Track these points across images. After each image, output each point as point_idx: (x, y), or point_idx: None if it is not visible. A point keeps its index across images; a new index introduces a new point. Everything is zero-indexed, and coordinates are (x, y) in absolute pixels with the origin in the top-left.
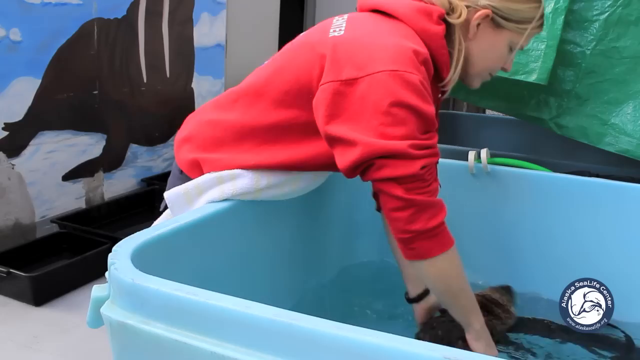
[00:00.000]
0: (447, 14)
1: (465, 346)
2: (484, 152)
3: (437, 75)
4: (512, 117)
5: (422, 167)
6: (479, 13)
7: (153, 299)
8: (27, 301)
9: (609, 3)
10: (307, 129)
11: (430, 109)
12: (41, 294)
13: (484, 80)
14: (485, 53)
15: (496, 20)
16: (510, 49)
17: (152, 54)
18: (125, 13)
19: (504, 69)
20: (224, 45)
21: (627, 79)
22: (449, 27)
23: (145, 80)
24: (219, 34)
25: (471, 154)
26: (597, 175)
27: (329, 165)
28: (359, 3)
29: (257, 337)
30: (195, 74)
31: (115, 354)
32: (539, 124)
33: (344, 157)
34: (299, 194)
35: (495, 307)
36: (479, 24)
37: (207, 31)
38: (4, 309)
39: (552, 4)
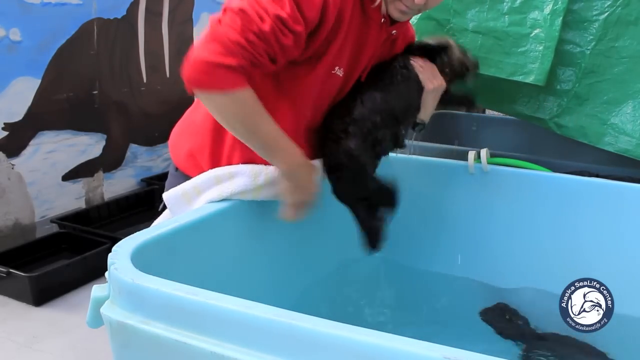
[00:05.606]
0: None
1: None
2: (483, 152)
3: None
4: (512, 117)
5: (242, 11)
6: None
7: (153, 299)
8: (27, 301)
9: (608, 3)
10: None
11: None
12: (41, 294)
13: (402, 10)
14: None
15: None
16: None
17: (152, 54)
18: (125, 13)
19: None
20: None
21: (627, 79)
22: None
23: (145, 80)
24: None
25: (471, 154)
26: (597, 175)
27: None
28: None
29: (257, 337)
30: None
31: (115, 354)
32: (539, 124)
33: None
34: None
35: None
36: None
37: None
38: (4, 309)
39: (551, 6)
